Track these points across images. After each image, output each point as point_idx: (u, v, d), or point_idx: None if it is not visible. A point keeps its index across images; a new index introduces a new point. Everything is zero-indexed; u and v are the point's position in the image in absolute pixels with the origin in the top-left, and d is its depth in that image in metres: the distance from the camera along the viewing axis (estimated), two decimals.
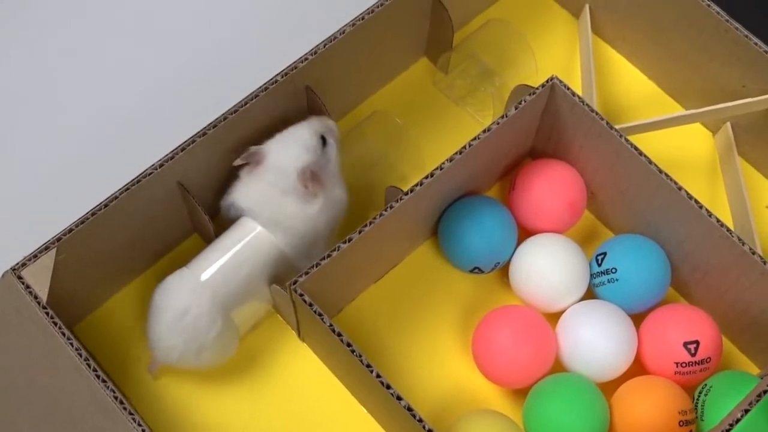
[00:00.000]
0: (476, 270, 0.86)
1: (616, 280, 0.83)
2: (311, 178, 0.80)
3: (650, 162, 0.80)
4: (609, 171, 0.85)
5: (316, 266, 0.75)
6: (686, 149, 0.96)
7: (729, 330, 0.86)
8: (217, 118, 0.80)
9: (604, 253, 0.85)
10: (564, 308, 0.84)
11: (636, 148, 0.80)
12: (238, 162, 0.82)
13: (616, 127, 0.88)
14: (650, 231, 0.85)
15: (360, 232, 0.76)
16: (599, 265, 0.84)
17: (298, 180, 0.80)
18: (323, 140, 0.83)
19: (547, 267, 0.84)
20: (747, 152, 0.94)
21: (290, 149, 0.81)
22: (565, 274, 0.84)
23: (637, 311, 0.84)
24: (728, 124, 0.93)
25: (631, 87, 0.99)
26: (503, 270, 0.87)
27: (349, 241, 0.75)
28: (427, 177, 0.78)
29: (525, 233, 0.88)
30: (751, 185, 0.94)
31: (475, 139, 0.80)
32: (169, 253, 0.89)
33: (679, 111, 0.97)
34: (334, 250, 0.75)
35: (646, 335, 0.82)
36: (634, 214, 0.86)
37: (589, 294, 0.86)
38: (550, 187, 0.86)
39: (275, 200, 0.81)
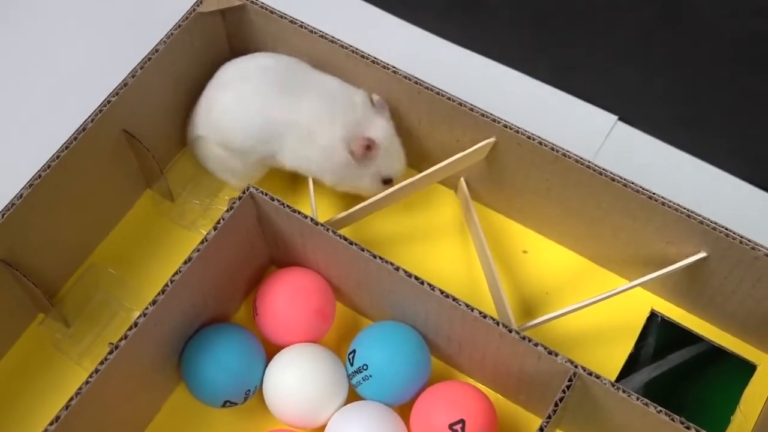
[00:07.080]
0: (228, 404, 0.80)
1: (370, 376, 0.78)
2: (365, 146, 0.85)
3: (362, 249, 0.75)
4: (338, 265, 0.81)
5: None
6: (435, 210, 0.93)
7: (506, 391, 0.82)
8: None
9: (354, 351, 0.80)
10: (328, 418, 0.79)
11: (345, 239, 0.76)
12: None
13: (345, 213, 0.85)
14: (397, 313, 0.81)
15: (67, 408, 0.69)
16: (351, 364, 0.79)
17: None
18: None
19: (295, 381, 0.78)
20: (492, 203, 0.91)
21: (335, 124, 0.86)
22: (317, 384, 0.78)
23: (404, 401, 0.80)
24: (462, 179, 0.90)
25: None
26: (261, 394, 0.82)
27: (57, 421, 0.69)
28: (131, 328, 0.72)
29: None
30: (508, 231, 0.91)
31: (176, 273, 0.74)
32: None
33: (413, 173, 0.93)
34: None
35: (415, 427, 0.78)
36: (377, 300, 0.82)
37: (353, 394, 0.80)
38: (291, 302, 0.81)
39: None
